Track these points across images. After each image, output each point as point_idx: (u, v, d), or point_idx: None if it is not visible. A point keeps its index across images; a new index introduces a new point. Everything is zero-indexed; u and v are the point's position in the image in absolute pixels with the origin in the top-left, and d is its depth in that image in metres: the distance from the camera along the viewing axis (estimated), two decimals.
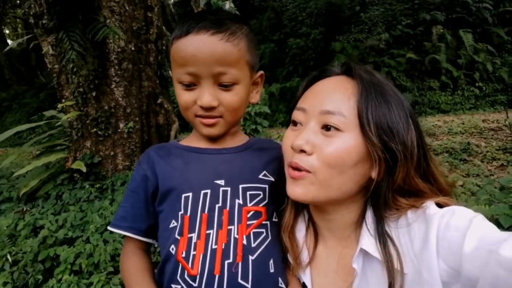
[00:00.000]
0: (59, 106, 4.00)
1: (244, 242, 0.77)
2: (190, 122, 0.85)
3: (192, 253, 0.76)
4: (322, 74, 0.79)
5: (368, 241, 0.69)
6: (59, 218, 3.07)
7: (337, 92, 0.71)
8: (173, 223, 0.80)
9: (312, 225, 0.84)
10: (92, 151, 4.02)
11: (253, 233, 0.79)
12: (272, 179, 0.86)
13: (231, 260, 0.75)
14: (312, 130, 0.69)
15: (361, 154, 0.67)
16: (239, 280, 0.74)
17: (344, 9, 11.62)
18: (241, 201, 0.80)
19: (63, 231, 2.82)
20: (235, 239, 0.77)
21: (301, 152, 0.69)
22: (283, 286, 0.81)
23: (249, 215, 0.80)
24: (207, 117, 0.80)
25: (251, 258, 0.76)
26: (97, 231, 2.79)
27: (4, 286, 2.33)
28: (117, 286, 2.24)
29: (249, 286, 0.74)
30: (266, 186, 0.84)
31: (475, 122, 6.08)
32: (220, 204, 0.79)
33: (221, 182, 0.81)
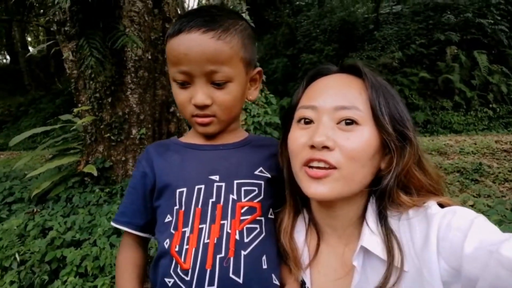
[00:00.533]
0: (75, 111, 4.09)
1: (237, 237, 0.77)
2: (188, 121, 0.86)
3: (185, 247, 0.77)
4: (320, 73, 0.80)
5: (370, 238, 0.69)
6: (68, 220, 3.10)
7: (347, 88, 0.72)
8: (168, 218, 0.82)
9: (313, 225, 0.84)
10: (104, 156, 4.08)
11: (246, 229, 0.79)
12: (269, 176, 0.86)
13: (223, 255, 0.75)
14: (328, 126, 0.69)
15: (377, 146, 0.69)
16: (231, 275, 0.74)
17: (358, 27, 11.72)
18: (235, 197, 0.80)
19: (71, 233, 2.85)
20: (228, 234, 0.77)
21: (323, 149, 0.67)
22: (277, 282, 0.81)
23: (243, 211, 0.80)
24: (202, 116, 0.81)
25: (244, 253, 0.76)
26: (105, 235, 2.81)
27: (11, 285, 2.35)
28: None
29: (241, 281, 0.74)
30: (262, 182, 0.84)
31: (488, 143, 5.98)
32: (214, 199, 0.80)
33: (216, 178, 0.82)
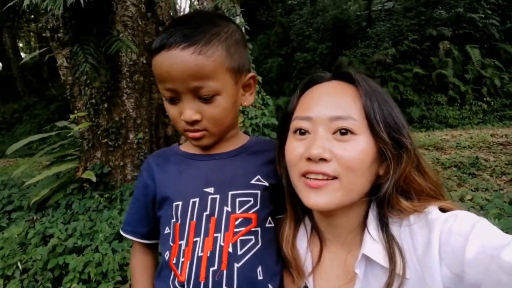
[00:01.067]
0: (71, 117, 4.07)
1: (230, 250, 0.77)
2: (182, 134, 0.85)
3: (181, 260, 0.79)
4: (314, 81, 0.79)
5: (371, 246, 0.69)
6: (69, 227, 3.09)
7: (341, 97, 0.71)
8: (167, 230, 0.84)
9: (316, 232, 0.84)
10: (102, 161, 4.08)
11: (240, 241, 0.79)
12: (266, 184, 0.85)
13: (216, 268, 0.76)
14: (324, 137, 0.68)
15: (374, 154, 0.69)
16: (224, 287, 0.75)
17: (351, 25, 11.76)
18: (230, 209, 0.80)
19: (72, 240, 2.84)
20: (221, 247, 0.77)
21: (320, 161, 0.67)
22: None
23: (237, 223, 0.80)
24: (193, 131, 0.80)
25: (237, 266, 0.77)
26: (106, 240, 2.80)
27: None
28: None
29: None
30: (258, 192, 0.83)
31: (484, 137, 6.04)
32: (208, 212, 0.80)
33: (211, 190, 0.82)
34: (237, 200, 0.81)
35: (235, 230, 0.79)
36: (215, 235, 0.78)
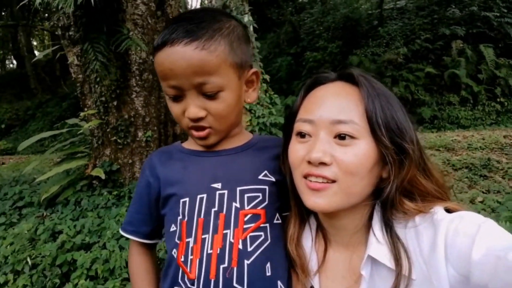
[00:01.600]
0: (82, 115, 4.12)
1: (240, 247, 0.77)
2: (186, 132, 0.84)
3: (190, 258, 0.77)
4: (317, 82, 0.78)
5: (377, 248, 0.69)
6: (77, 224, 3.13)
7: (344, 100, 0.70)
8: (173, 227, 0.83)
9: (321, 231, 0.84)
10: (111, 159, 4.11)
11: (250, 237, 0.78)
12: (273, 179, 0.84)
13: (226, 265, 0.75)
14: (326, 141, 0.68)
15: (376, 158, 0.68)
16: (234, 284, 0.75)
17: (362, 24, 11.65)
18: (238, 204, 0.79)
19: (81, 237, 2.88)
20: (231, 244, 0.77)
21: (320, 165, 0.68)
22: None
23: (246, 219, 0.79)
24: (198, 129, 0.79)
25: (247, 263, 0.76)
26: (114, 237, 2.83)
27: None
28: None
29: None
30: (266, 187, 0.83)
31: (496, 138, 5.91)
32: (216, 208, 0.79)
33: (218, 186, 0.81)
34: (246, 196, 0.81)
35: (245, 227, 0.78)
36: (225, 232, 0.77)
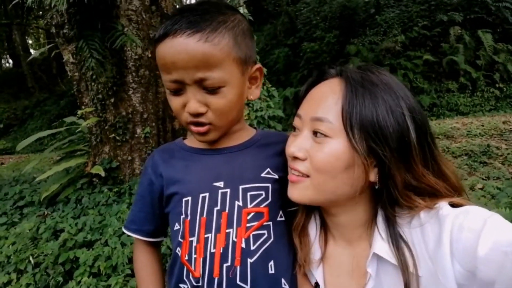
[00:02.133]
0: (79, 113, 4.11)
1: (243, 246, 0.77)
2: (185, 128, 0.82)
3: (194, 256, 0.78)
4: (321, 77, 0.78)
5: (381, 245, 0.69)
6: (79, 222, 3.15)
7: (327, 97, 0.70)
8: (177, 226, 0.83)
9: (323, 225, 0.84)
10: (111, 156, 4.11)
11: (253, 236, 0.78)
12: (276, 177, 0.83)
13: (229, 264, 0.76)
14: (305, 137, 0.72)
15: (351, 159, 0.66)
16: (238, 282, 0.75)
17: (359, 12, 11.53)
18: (241, 203, 0.79)
19: (83, 234, 2.89)
20: (234, 243, 0.76)
21: (295, 159, 0.72)
22: (286, 287, 0.81)
23: (249, 217, 0.78)
24: (198, 125, 0.77)
25: (250, 261, 0.76)
26: (115, 234, 2.85)
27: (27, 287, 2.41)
28: None
29: (248, 287, 0.76)
30: (269, 185, 0.82)
31: (495, 124, 5.89)
32: (219, 207, 0.79)
33: (220, 184, 0.80)
34: (248, 194, 0.80)
35: (248, 225, 0.78)
36: (227, 231, 0.77)
